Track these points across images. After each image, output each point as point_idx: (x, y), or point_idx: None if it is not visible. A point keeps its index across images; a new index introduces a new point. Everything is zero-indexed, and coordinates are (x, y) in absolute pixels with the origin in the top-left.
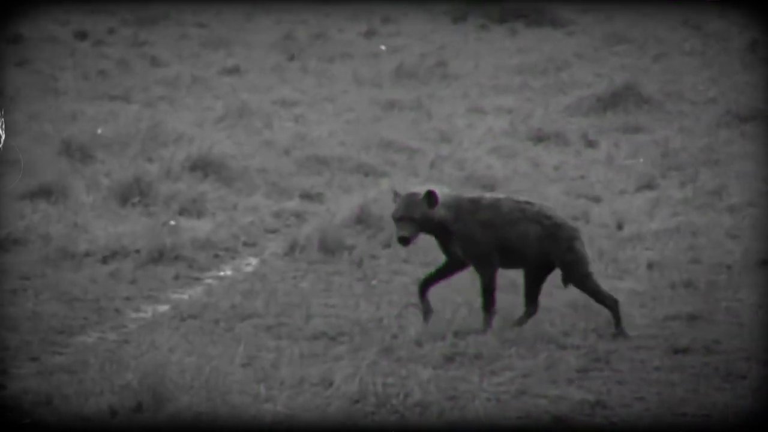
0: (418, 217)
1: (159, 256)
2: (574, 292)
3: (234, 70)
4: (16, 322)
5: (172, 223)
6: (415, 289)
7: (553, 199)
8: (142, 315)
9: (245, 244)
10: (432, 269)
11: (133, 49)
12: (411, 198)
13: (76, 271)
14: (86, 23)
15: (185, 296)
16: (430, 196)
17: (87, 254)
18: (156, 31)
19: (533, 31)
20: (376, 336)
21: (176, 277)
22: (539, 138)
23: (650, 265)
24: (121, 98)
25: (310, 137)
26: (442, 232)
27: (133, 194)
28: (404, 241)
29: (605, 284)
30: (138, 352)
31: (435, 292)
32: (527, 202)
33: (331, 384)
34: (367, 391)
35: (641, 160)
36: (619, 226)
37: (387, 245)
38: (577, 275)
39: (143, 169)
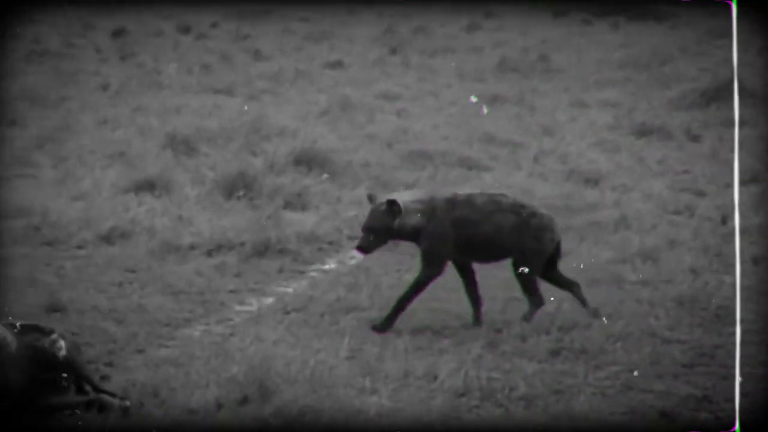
0: (379, 227)
1: (264, 250)
2: (680, 287)
3: (337, 64)
4: (123, 314)
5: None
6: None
7: (656, 193)
8: (247, 308)
9: (349, 237)
10: (463, 287)
11: (236, 42)
12: (376, 209)
13: (181, 264)
14: (189, 17)
15: (290, 289)
16: (392, 206)
17: (192, 247)
18: (259, 25)
19: (636, 25)
20: (480, 330)
21: (281, 270)
22: (642, 132)
23: (755, 260)
24: (224, 92)
25: (413, 131)
26: (416, 237)
27: (237, 187)
28: (361, 251)
29: (712, 279)
30: (243, 345)
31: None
32: (501, 195)
33: (435, 377)
34: (472, 385)
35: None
36: (724, 221)
37: None
38: (528, 263)
39: (247, 162)
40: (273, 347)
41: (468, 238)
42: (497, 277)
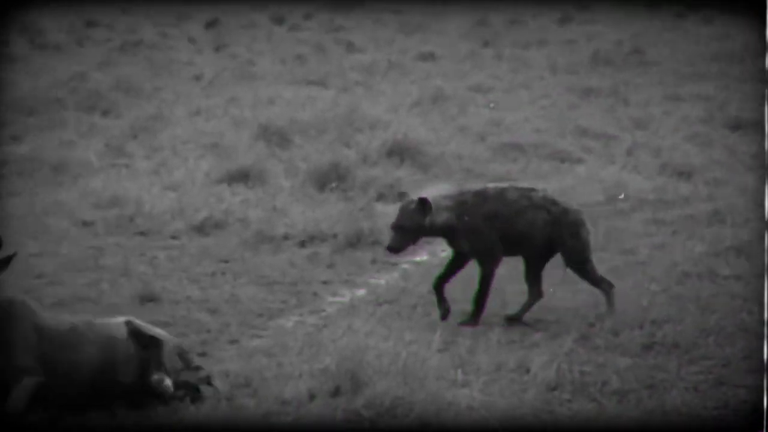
0: (410, 225)
1: (356, 241)
2: None
3: (429, 56)
4: (216, 305)
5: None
6: (611, 277)
7: (750, 187)
8: (339, 299)
9: None
10: (442, 268)
11: (329, 34)
12: (405, 206)
13: (274, 254)
14: (283, 8)
15: (382, 281)
16: (423, 204)
17: (285, 238)
18: (352, 17)
19: (729, 18)
20: (572, 324)
21: (373, 262)
22: (736, 126)
23: None
24: (317, 83)
25: (505, 123)
26: (447, 233)
27: (330, 179)
28: (392, 250)
29: None
30: (336, 336)
31: (631, 280)
32: (531, 189)
33: (527, 370)
34: (564, 379)
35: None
36: None
37: None
38: (578, 259)
39: (340, 154)
40: (365, 339)
41: (500, 232)
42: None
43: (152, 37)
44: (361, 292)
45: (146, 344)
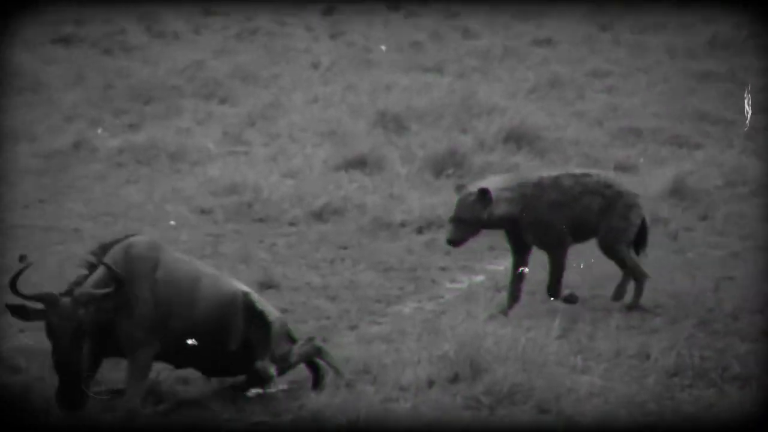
0: (469, 218)
1: None
2: None
3: (545, 41)
4: (335, 291)
5: None
6: (731, 262)
7: None
8: (457, 285)
9: None
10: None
11: (445, 20)
12: (464, 198)
13: (392, 241)
14: None
15: (500, 267)
16: (484, 195)
17: (402, 224)
18: (468, 3)
19: None
20: (692, 309)
21: (491, 248)
22: None
23: None
24: (434, 70)
25: (623, 108)
26: (508, 225)
27: (447, 165)
28: (452, 243)
29: None
30: (454, 323)
31: (750, 265)
32: (586, 174)
33: (647, 356)
34: (684, 364)
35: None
36: None
37: (703, 217)
38: (612, 241)
39: (457, 140)
40: (484, 325)
41: (562, 221)
42: (706, 255)
43: (269, 24)
44: (479, 278)
45: (255, 321)
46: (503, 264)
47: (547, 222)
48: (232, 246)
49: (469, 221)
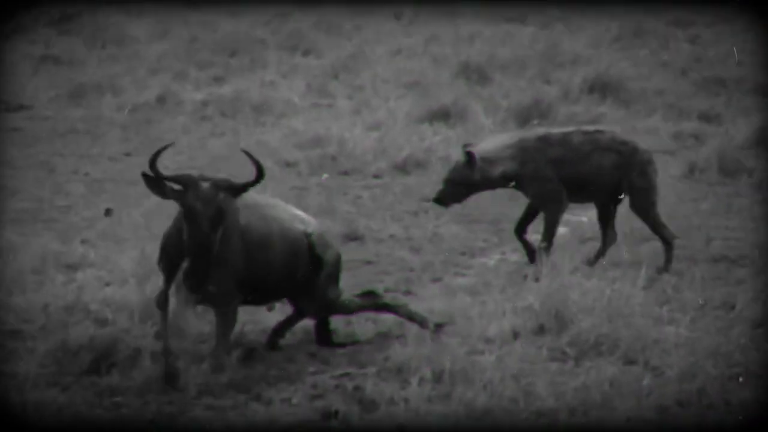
0: (458, 179)
1: None
2: None
3: None
4: (419, 243)
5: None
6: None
7: None
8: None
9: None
10: (521, 215)
11: None
12: (458, 161)
13: None
14: None
15: (584, 218)
16: (469, 158)
17: None
18: None
19: None
20: None
21: None
22: None
23: None
24: (517, 20)
25: (708, 58)
26: (511, 182)
27: (531, 116)
28: (437, 202)
29: None
30: (539, 275)
31: None
32: (598, 131)
33: (733, 307)
34: None
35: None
36: None
37: None
38: (644, 202)
39: (541, 90)
40: (569, 276)
41: (565, 179)
42: None
43: None
44: (564, 230)
45: (314, 261)
46: (587, 215)
47: (545, 177)
48: (317, 199)
49: (459, 183)
